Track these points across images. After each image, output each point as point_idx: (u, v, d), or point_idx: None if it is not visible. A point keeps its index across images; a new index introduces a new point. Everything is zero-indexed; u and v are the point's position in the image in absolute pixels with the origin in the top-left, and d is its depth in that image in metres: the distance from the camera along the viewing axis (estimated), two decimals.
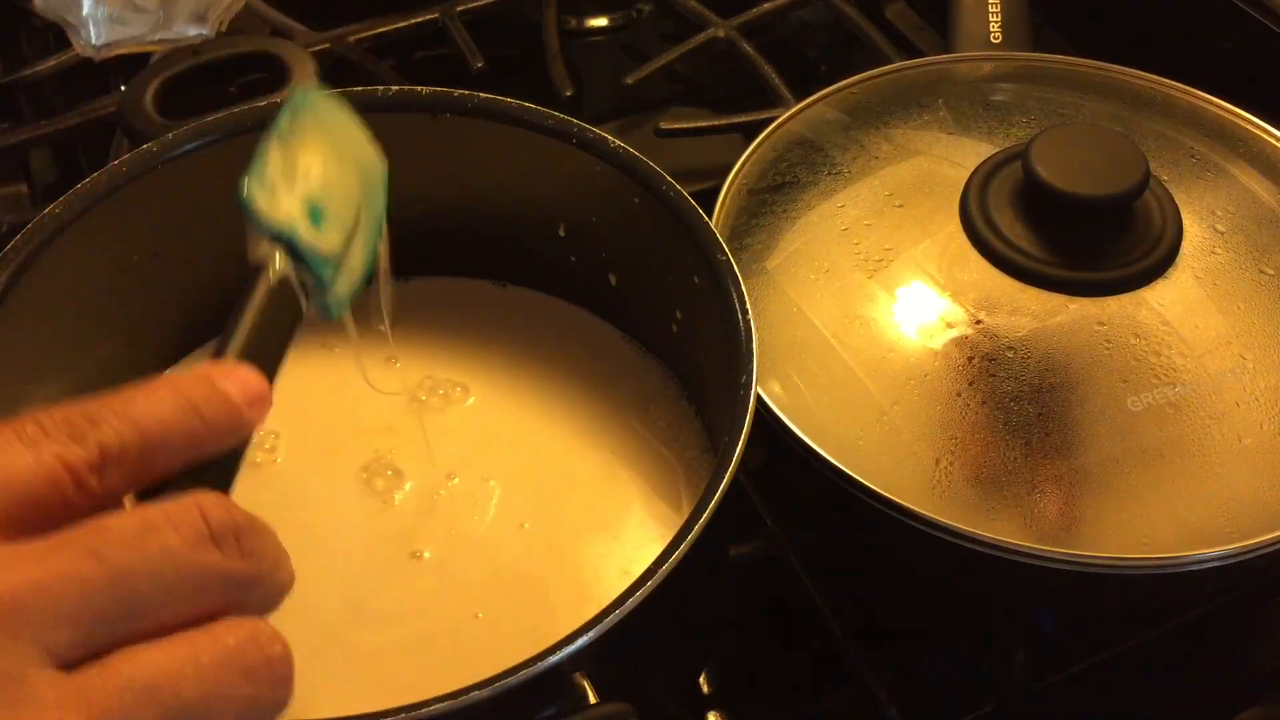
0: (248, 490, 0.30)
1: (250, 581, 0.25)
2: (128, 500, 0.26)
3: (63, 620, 0.21)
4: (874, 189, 0.58)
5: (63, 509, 0.23)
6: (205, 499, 0.25)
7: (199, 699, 0.22)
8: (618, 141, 0.53)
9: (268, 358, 0.32)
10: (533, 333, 0.60)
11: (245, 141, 0.54)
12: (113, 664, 0.22)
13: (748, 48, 0.79)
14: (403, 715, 0.36)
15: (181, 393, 0.27)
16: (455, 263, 0.61)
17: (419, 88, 0.55)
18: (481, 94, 0.55)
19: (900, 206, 0.57)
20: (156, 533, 0.23)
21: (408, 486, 0.54)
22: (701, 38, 0.81)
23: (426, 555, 0.52)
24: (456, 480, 0.54)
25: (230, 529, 0.24)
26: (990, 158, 0.57)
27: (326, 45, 0.79)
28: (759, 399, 0.47)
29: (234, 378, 0.28)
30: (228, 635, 0.24)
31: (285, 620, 0.26)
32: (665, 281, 0.54)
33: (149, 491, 0.26)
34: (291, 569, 0.26)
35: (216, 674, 0.23)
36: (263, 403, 0.29)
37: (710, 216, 0.51)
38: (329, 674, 0.47)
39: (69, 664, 0.21)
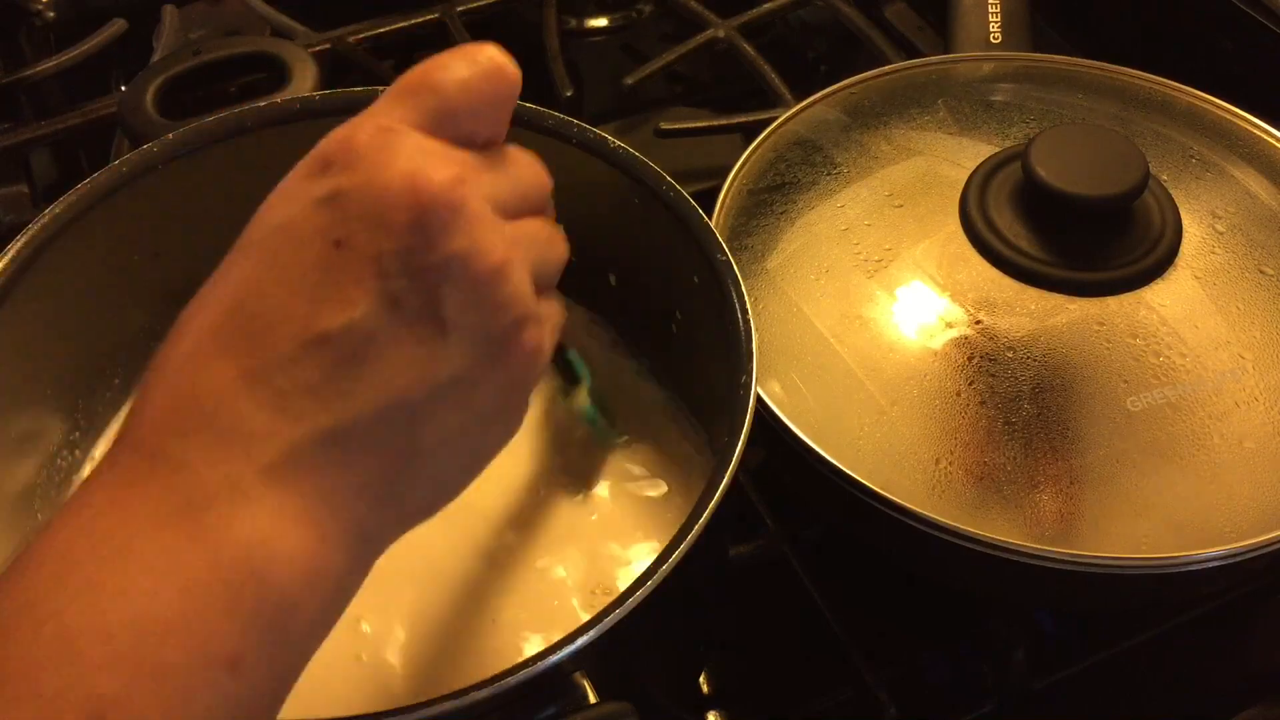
0: None
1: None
2: None
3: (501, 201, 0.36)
4: (874, 189, 0.58)
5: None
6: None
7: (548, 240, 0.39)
8: (618, 141, 0.53)
9: None
10: None
11: (245, 141, 0.54)
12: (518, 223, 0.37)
13: (748, 48, 0.79)
14: (402, 715, 0.37)
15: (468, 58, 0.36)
16: None
17: None
18: None
19: (900, 206, 0.57)
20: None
21: None
22: (701, 38, 0.81)
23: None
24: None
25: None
26: (990, 158, 0.57)
27: (326, 45, 0.79)
28: (759, 399, 0.47)
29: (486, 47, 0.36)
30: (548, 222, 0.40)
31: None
32: (665, 281, 0.54)
33: None
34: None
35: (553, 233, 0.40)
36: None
37: (710, 216, 0.51)
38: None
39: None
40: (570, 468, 0.55)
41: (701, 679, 0.57)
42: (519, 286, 0.35)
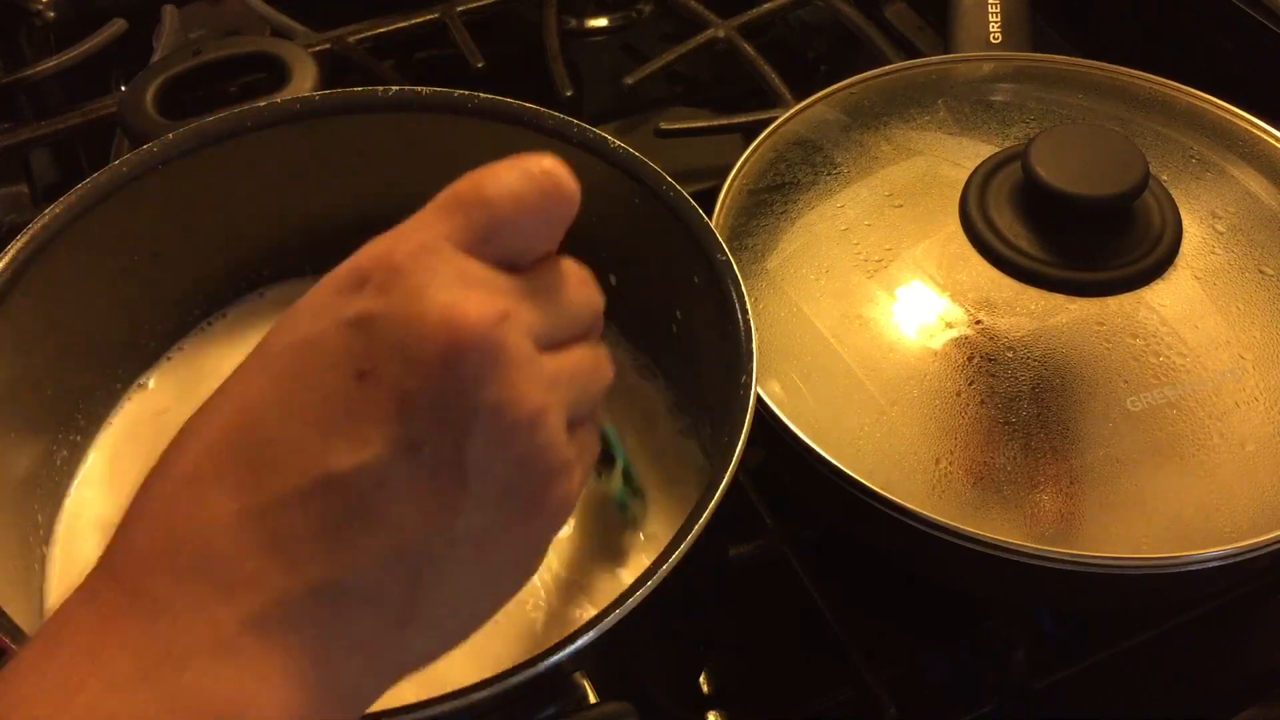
0: None
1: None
2: None
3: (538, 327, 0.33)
4: (874, 189, 0.58)
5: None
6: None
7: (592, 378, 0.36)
8: (618, 141, 0.53)
9: None
10: None
11: (245, 142, 0.54)
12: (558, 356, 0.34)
13: (748, 48, 0.79)
14: (403, 715, 0.37)
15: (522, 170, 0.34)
16: None
17: (419, 88, 0.55)
18: (481, 94, 0.55)
19: (900, 207, 0.57)
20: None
21: None
22: (701, 38, 0.81)
23: None
24: None
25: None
26: (990, 158, 0.57)
27: (326, 45, 0.79)
28: (759, 399, 0.47)
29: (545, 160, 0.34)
30: (594, 347, 0.37)
31: None
32: (665, 281, 0.54)
33: None
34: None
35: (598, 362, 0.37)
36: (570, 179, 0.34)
37: (710, 216, 0.51)
38: None
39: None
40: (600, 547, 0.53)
41: (701, 679, 0.57)
42: (553, 436, 0.32)
